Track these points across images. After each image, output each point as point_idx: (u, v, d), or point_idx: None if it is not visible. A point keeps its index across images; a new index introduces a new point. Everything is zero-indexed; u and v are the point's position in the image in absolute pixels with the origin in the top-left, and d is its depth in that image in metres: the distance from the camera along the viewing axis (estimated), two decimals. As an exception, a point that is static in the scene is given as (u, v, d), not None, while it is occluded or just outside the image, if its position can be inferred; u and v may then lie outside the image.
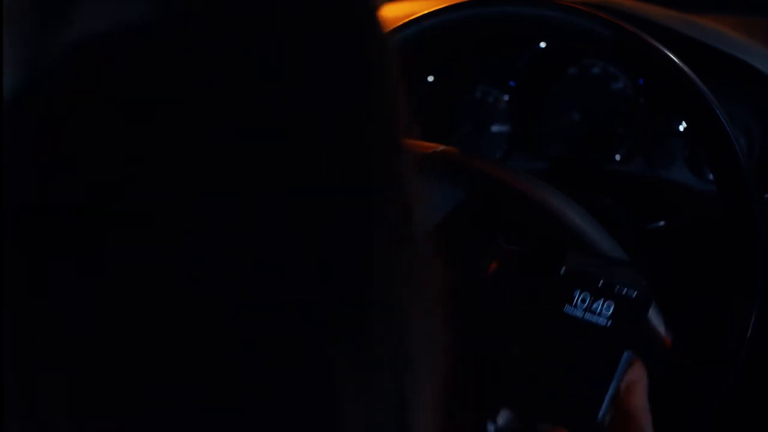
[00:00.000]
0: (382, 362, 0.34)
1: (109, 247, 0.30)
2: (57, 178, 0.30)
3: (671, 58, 0.89)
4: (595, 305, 0.78)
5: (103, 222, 0.30)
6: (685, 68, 0.89)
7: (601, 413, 0.75)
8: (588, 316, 0.78)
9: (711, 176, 1.16)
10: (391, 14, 1.13)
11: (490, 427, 0.77)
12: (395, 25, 1.00)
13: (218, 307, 0.31)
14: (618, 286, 0.78)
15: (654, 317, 0.85)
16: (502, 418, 0.77)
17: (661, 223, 1.09)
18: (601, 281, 0.78)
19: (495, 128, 1.29)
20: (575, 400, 0.76)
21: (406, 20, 1.00)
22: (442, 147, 0.96)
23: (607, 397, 0.74)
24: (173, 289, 0.31)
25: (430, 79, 1.28)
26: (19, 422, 0.30)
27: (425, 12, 1.00)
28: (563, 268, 0.80)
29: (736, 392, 0.85)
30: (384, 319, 0.34)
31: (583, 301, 0.79)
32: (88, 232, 0.30)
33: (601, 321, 0.77)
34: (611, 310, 0.77)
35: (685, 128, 1.18)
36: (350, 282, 0.33)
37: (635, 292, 0.77)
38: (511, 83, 1.27)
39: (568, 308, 0.79)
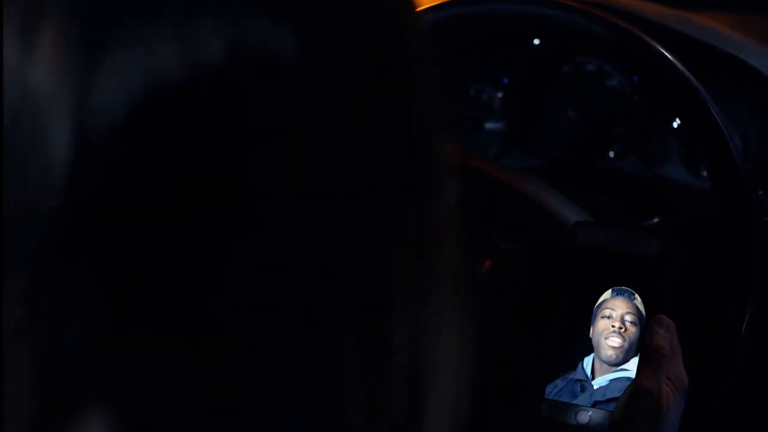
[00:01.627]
0: (386, 364, 0.34)
1: (116, 245, 0.30)
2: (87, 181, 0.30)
3: (666, 56, 0.89)
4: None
5: (112, 220, 0.30)
6: (680, 66, 0.89)
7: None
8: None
9: (706, 173, 1.16)
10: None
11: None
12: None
13: (218, 307, 0.31)
14: (633, 254, 0.79)
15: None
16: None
17: (656, 220, 1.09)
18: (615, 251, 0.80)
19: (489, 126, 1.29)
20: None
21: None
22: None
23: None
24: (174, 288, 0.30)
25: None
26: (17, 421, 0.30)
27: (418, 9, 1.00)
28: (574, 242, 0.82)
29: (737, 392, 0.86)
30: (388, 321, 0.34)
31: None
32: (101, 230, 0.30)
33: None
34: (631, 277, 0.79)
35: (679, 125, 1.18)
36: (351, 283, 0.33)
37: (652, 254, 0.79)
38: (505, 80, 1.27)
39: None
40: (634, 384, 0.75)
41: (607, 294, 0.82)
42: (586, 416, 0.78)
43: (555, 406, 0.79)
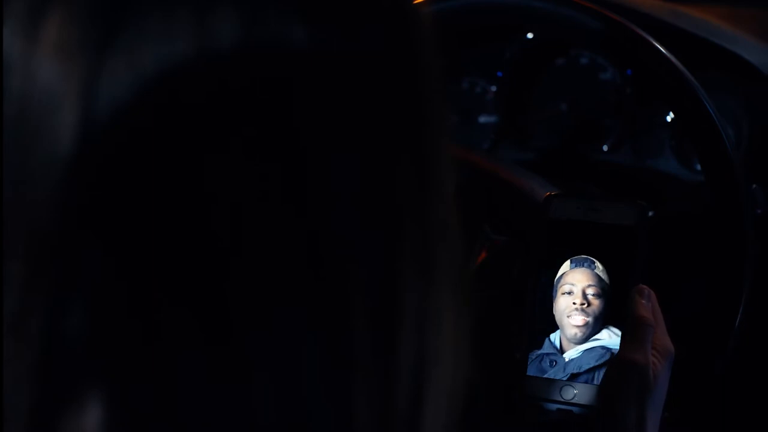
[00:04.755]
0: (394, 358, 0.34)
1: (117, 237, 0.30)
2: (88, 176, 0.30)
3: (659, 49, 0.89)
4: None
5: (114, 213, 0.30)
6: (673, 59, 0.89)
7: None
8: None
9: (698, 166, 1.16)
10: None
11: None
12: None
13: (218, 303, 0.31)
14: (610, 224, 0.78)
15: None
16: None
17: (649, 213, 1.10)
18: (592, 223, 0.79)
19: (482, 119, 1.29)
20: None
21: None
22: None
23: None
24: (175, 285, 0.31)
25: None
26: (18, 419, 0.30)
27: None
28: (550, 217, 0.80)
29: (731, 382, 0.85)
30: (396, 314, 0.34)
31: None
32: (102, 221, 0.30)
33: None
34: (607, 249, 0.78)
35: (672, 118, 1.18)
36: (354, 279, 0.33)
37: (628, 225, 0.78)
38: (499, 74, 1.27)
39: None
40: (619, 357, 0.73)
41: (566, 266, 0.79)
42: (571, 392, 0.75)
43: (537, 384, 0.76)
